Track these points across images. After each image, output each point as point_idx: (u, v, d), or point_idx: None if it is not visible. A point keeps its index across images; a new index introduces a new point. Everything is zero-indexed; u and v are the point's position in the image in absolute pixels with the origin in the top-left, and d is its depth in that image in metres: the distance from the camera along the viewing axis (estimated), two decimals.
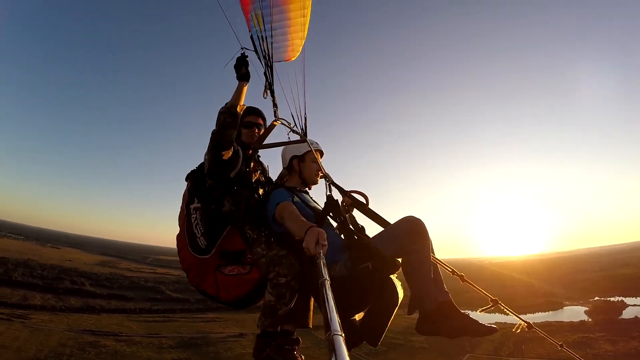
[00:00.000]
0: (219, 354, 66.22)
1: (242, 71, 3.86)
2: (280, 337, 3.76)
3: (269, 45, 4.55)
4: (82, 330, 70.86)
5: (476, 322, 3.29)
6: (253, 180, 4.32)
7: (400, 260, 3.28)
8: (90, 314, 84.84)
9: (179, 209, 4.25)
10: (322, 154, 4.44)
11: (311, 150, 4.14)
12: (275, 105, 4.51)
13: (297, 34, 4.88)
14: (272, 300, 3.64)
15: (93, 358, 57.85)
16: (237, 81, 3.87)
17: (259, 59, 4.47)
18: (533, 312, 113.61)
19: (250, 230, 3.94)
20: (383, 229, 3.56)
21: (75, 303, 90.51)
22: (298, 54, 5.06)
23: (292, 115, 4.73)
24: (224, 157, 3.85)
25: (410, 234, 3.25)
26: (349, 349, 2.84)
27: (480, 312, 3.71)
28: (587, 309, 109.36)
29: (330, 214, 3.68)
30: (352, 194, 3.87)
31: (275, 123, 4.43)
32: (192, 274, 4.04)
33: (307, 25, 4.89)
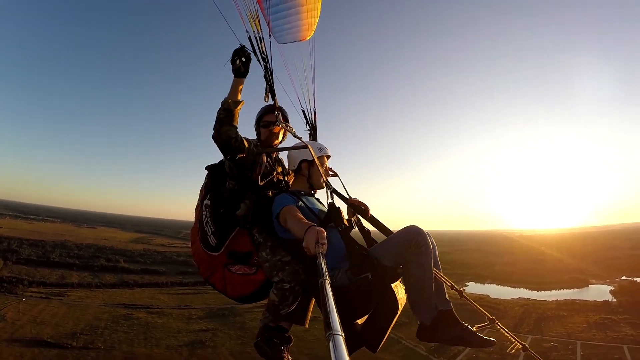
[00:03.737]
0: (245, 323, 67.67)
1: (235, 65, 3.71)
2: (274, 332, 3.86)
3: (267, 47, 4.33)
4: (116, 305, 74.25)
5: (474, 334, 3.37)
6: (275, 180, 4.30)
7: (401, 268, 3.33)
8: (125, 289, 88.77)
9: (197, 202, 4.33)
10: (328, 157, 4.36)
11: (319, 157, 4.07)
12: (277, 109, 4.35)
13: (311, 12, 4.71)
14: (276, 300, 3.72)
15: (126, 330, 60.50)
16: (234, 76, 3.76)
17: (258, 61, 4.23)
18: (558, 289, 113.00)
19: (257, 233, 3.92)
20: (386, 236, 3.61)
21: (110, 279, 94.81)
22: (313, 33, 4.89)
23: (304, 111, 4.85)
24: (238, 158, 3.83)
25: (411, 246, 3.20)
26: (349, 353, 2.86)
27: (476, 328, 3.55)
28: (613, 288, 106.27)
29: (332, 222, 3.63)
30: (353, 202, 3.92)
31: (276, 129, 4.33)
32: (202, 268, 4.17)
33: (320, 3, 4.71)
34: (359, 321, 3.48)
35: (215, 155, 4.06)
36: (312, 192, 4.28)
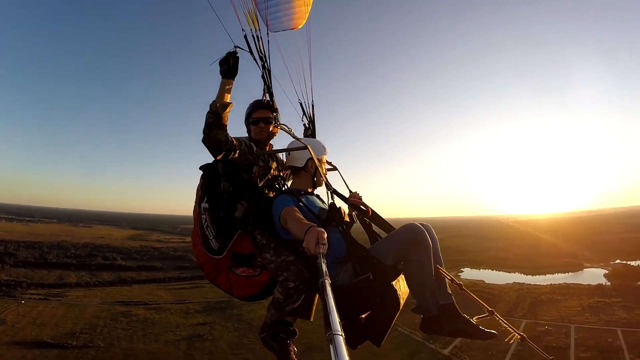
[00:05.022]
0: (242, 315, 68.67)
1: (223, 67, 3.58)
2: (279, 326, 3.95)
3: (265, 45, 4.19)
4: (114, 302, 75.03)
5: (475, 326, 3.51)
6: (271, 178, 4.28)
7: (401, 264, 3.45)
8: (122, 286, 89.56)
9: (194, 204, 4.30)
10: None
11: (320, 157, 4.09)
12: (275, 110, 4.22)
13: (303, 0, 4.61)
14: (281, 298, 3.79)
15: (125, 327, 61.35)
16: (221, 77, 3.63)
17: (255, 60, 4.11)
18: (552, 273, 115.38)
19: (260, 235, 3.92)
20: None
21: (108, 277, 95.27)
22: (304, 21, 4.78)
23: (301, 104, 4.81)
24: (230, 159, 3.73)
25: (411, 244, 3.31)
26: (353, 348, 3.10)
27: (476, 320, 3.68)
28: (607, 272, 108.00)
29: (334, 222, 3.71)
30: (354, 203, 3.95)
31: (275, 130, 4.25)
32: (207, 270, 4.25)
33: None
34: (363, 315, 3.55)
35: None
36: (313, 189, 4.25)
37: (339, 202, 3.83)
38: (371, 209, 3.94)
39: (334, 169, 4.47)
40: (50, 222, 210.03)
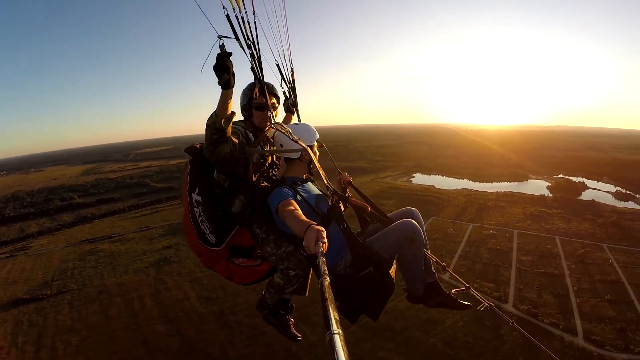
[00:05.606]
0: None
1: (224, 77, 3.06)
2: (278, 304, 4.28)
3: (253, 29, 3.58)
4: (79, 242, 76.61)
5: (455, 300, 4.10)
6: (266, 167, 4.22)
7: (396, 256, 3.84)
8: (84, 225, 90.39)
9: (181, 190, 4.12)
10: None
11: (311, 148, 3.99)
12: (269, 108, 4.01)
13: None
14: (281, 283, 4.03)
15: (93, 264, 63.45)
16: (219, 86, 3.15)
17: (242, 48, 3.59)
18: (499, 181, 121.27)
19: (258, 229, 3.93)
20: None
21: (68, 218, 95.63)
22: None
23: (279, 66, 4.35)
24: (228, 157, 3.55)
25: (408, 241, 3.64)
26: (353, 322, 3.81)
27: (455, 292, 4.16)
28: (550, 184, 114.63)
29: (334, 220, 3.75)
30: (356, 204, 4.13)
31: (267, 132, 4.15)
32: (203, 259, 4.23)
33: None
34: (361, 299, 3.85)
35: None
36: (308, 175, 4.26)
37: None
38: (369, 206, 4.17)
39: (322, 146, 4.36)
40: (0, 174, 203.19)
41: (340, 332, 1.29)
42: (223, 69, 3.02)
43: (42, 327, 44.95)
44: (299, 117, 4.76)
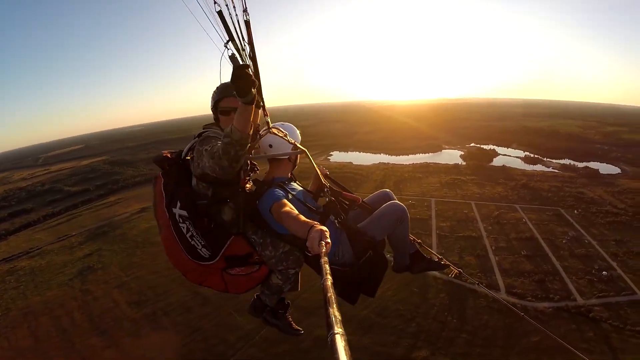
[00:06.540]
0: (126, 234, 69.56)
1: (252, 95, 2.75)
2: (277, 304, 4.38)
3: (240, 17, 3.15)
4: None
5: (436, 262, 4.76)
6: (249, 168, 4.10)
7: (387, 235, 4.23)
8: None
9: (154, 206, 3.81)
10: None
11: (302, 150, 4.08)
12: (263, 107, 3.84)
13: None
14: (280, 283, 4.08)
15: (14, 285, 58.70)
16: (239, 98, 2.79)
17: (237, 50, 3.25)
18: (415, 153, 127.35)
19: (254, 235, 3.87)
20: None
21: None
22: None
23: (220, 14, 3.08)
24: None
25: (399, 222, 4.06)
26: (353, 303, 4.15)
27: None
28: (463, 153, 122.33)
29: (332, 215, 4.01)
30: (352, 198, 4.45)
31: (262, 135, 3.98)
32: (191, 277, 3.91)
33: None
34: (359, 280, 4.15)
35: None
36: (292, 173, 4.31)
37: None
38: (360, 199, 4.51)
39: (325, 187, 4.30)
40: None
41: (342, 331, 1.29)
42: (250, 85, 2.71)
43: None
44: (264, 111, 3.94)
